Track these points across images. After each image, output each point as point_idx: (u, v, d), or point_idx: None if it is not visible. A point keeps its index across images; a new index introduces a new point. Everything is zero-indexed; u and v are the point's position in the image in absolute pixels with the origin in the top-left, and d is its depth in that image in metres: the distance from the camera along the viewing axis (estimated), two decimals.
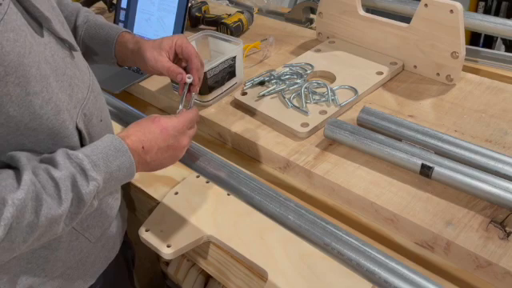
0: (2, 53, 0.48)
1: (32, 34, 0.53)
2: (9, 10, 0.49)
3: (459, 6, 0.86)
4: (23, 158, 0.52)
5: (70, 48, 0.62)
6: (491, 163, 0.69)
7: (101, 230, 0.70)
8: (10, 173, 0.50)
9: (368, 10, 1.07)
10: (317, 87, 0.94)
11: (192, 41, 1.01)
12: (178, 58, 0.76)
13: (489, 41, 2.19)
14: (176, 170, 0.87)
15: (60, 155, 0.54)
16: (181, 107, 0.73)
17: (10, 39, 0.49)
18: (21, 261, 0.61)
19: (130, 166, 0.59)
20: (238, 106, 0.94)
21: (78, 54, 0.66)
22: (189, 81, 0.72)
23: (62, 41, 0.60)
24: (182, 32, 1.14)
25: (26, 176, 0.50)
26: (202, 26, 1.29)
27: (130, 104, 0.87)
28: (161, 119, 0.65)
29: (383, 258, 0.54)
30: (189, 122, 0.68)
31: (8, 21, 0.49)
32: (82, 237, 0.67)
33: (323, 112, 0.87)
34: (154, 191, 0.84)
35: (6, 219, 0.47)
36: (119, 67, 0.82)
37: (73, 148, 0.57)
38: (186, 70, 0.74)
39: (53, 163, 0.53)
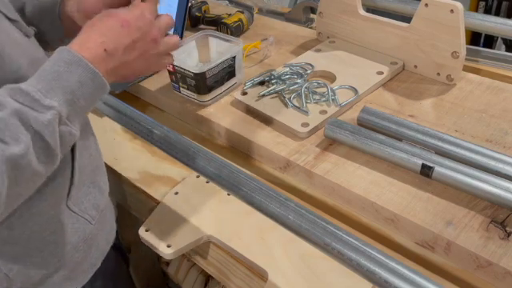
0: None
1: None
2: None
3: (460, 5, 0.86)
4: None
5: (26, 33, 0.58)
6: (492, 163, 0.69)
7: (97, 211, 0.70)
8: None
9: (368, 9, 1.07)
10: (317, 87, 0.94)
11: (192, 40, 1.01)
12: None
13: (489, 41, 2.19)
14: (176, 170, 0.87)
15: (1, 94, 0.47)
16: None
17: None
18: (33, 250, 0.62)
19: (93, 76, 0.51)
20: (238, 105, 0.94)
21: (34, 40, 0.60)
22: None
23: (15, 23, 0.56)
24: (182, 32, 1.14)
25: None
26: (202, 26, 1.29)
27: (130, 104, 0.87)
28: (118, 12, 0.55)
29: (383, 258, 0.54)
30: (149, 8, 0.58)
31: None
32: (81, 219, 0.67)
33: (323, 112, 0.87)
34: (154, 191, 0.83)
35: None
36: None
37: None
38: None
39: None
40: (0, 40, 0.52)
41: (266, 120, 0.89)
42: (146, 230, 0.76)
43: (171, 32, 0.68)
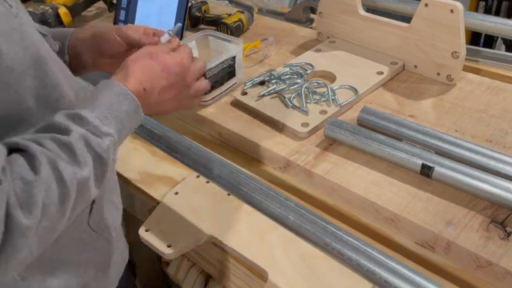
0: (24, 46, 0.48)
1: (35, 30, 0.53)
2: (20, 6, 0.50)
3: (459, 5, 0.86)
4: (16, 138, 0.48)
5: (53, 49, 0.60)
6: (492, 163, 0.69)
7: (114, 230, 0.69)
8: (16, 155, 0.46)
9: (368, 9, 1.07)
10: (317, 87, 0.94)
11: (192, 40, 1.01)
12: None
13: (489, 41, 2.19)
14: (176, 170, 0.87)
15: (61, 119, 0.49)
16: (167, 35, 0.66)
17: (28, 32, 0.49)
18: (57, 272, 0.61)
19: (136, 108, 0.54)
20: (238, 105, 0.94)
21: None
22: (168, 35, 0.66)
23: (45, 37, 0.59)
24: (182, 32, 1.14)
25: (34, 150, 0.45)
26: (201, 26, 1.29)
27: None
28: (159, 55, 0.59)
29: (383, 258, 0.54)
30: (189, 55, 0.62)
31: (21, 17, 0.50)
32: (101, 238, 0.66)
33: (323, 112, 0.87)
34: (154, 191, 0.83)
35: (36, 199, 0.43)
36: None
37: None
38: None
39: (56, 130, 0.49)
40: (44, 54, 0.52)
41: (266, 120, 0.89)
42: (146, 230, 0.76)
43: (172, 31, 0.70)
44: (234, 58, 0.95)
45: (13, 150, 0.46)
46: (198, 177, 0.84)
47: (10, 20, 0.48)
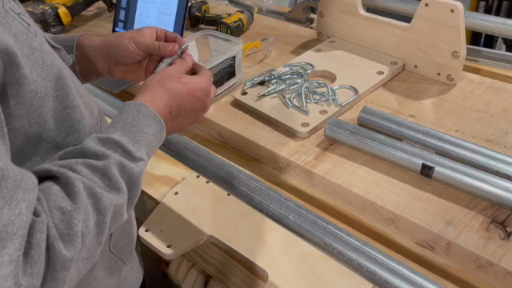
0: (45, 66, 0.47)
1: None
2: (33, 23, 0.49)
3: (460, 5, 0.86)
4: (48, 165, 0.46)
5: (67, 63, 0.60)
6: (492, 163, 0.69)
7: (130, 250, 0.68)
8: (50, 183, 0.44)
9: (368, 9, 1.07)
10: (317, 87, 0.93)
11: (192, 40, 1.01)
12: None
13: (489, 40, 2.19)
14: (176, 170, 0.87)
15: (93, 144, 0.48)
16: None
17: (48, 51, 0.48)
18: None
19: (161, 130, 0.55)
20: (238, 105, 0.94)
21: None
22: (184, 47, 0.66)
23: (58, 51, 0.58)
24: (182, 32, 1.14)
25: (69, 176, 0.44)
26: (201, 26, 1.29)
27: None
28: (187, 80, 0.59)
29: (384, 259, 0.54)
30: (210, 78, 0.63)
31: (39, 36, 0.48)
32: (119, 260, 0.65)
33: (323, 112, 0.87)
34: (154, 191, 0.83)
35: (76, 229, 0.42)
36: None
37: None
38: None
39: (89, 155, 0.48)
40: (64, 73, 0.51)
41: (266, 120, 0.89)
42: (146, 230, 0.76)
43: (171, 31, 0.70)
44: (234, 57, 0.95)
45: (45, 177, 0.45)
46: (197, 177, 0.84)
47: (30, 40, 0.46)
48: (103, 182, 0.46)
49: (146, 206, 0.85)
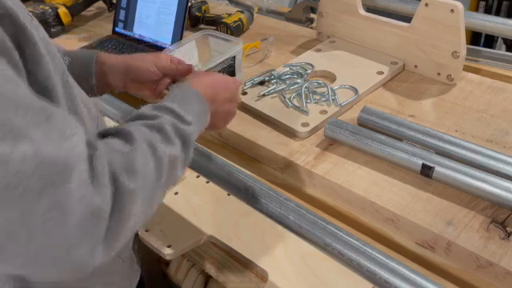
0: (53, 56, 0.47)
1: None
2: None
3: (460, 5, 0.86)
4: (105, 129, 0.50)
5: None
6: (492, 163, 0.69)
7: (128, 248, 0.68)
8: (110, 138, 0.47)
9: (368, 9, 1.07)
10: (317, 87, 0.93)
11: (192, 40, 1.01)
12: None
13: (489, 40, 2.19)
14: None
15: (147, 109, 0.53)
16: None
17: (53, 46, 0.49)
18: None
19: (205, 110, 0.59)
20: (238, 105, 0.94)
21: None
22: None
23: None
24: (182, 31, 1.14)
25: (127, 128, 0.47)
26: (201, 26, 1.29)
27: (130, 104, 0.87)
28: (221, 74, 0.67)
29: (384, 259, 0.54)
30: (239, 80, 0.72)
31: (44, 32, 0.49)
32: (119, 260, 0.65)
33: (323, 112, 0.87)
34: None
35: (136, 166, 0.44)
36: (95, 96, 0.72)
37: None
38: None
39: (144, 117, 0.51)
40: (70, 80, 0.52)
41: (266, 120, 0.89)
42: (146, 230, 0.76)
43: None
44: (234, 57, 0.95)
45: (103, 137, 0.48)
46: (197, 177, 0.84)
47: (38, 31, 0.47)
48: (159, 135, 0.49)
49: None
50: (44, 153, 0.36)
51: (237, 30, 1.21)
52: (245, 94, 0.95)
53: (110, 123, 0.92)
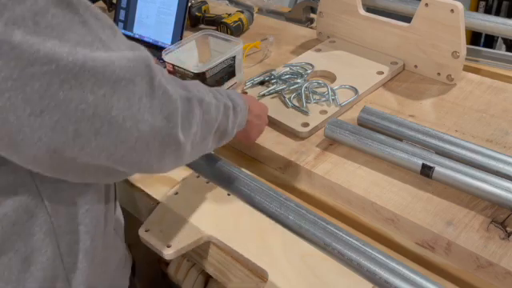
0: None
1: None
2: None
3: (460, 5, 0.86)
4: None
5: None
6: (492, 163, 0.69)
7: (121, 229, 0.71)
8: None
9: (369, 9, 1.07)
10: (317, 87, 0.93)
11: (192, 40, 1.01)
12: None
13: (490, 40, 2.19)
14: (176, 170, 0.86)
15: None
16: None
17: None
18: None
19: (245, 110, 0.69)
20: None
21: None
22: None
23: None
24: (182, 31, 1.14)
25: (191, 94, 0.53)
26: (201, 26, 1.29)
27: None
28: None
29: (384, 259, 0.54)
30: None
31: None
32: (118, 238, 0.68)
33: (323, 112, 0.87)
34: (154, 191, 0.83)
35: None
36: None
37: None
38: None
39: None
40: None
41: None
42: (146, 230, 0.76)
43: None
44: (234, 57, 0.95)
45: None
46: (198, 177, 0.84)
47: None
48: (212, 95, 0.59)
49: (146, 206, 0.85)
50: (129, 55, 0.43)
51: (237, 30, 1.21)
52: (245, 93, 0.95)
53: None
